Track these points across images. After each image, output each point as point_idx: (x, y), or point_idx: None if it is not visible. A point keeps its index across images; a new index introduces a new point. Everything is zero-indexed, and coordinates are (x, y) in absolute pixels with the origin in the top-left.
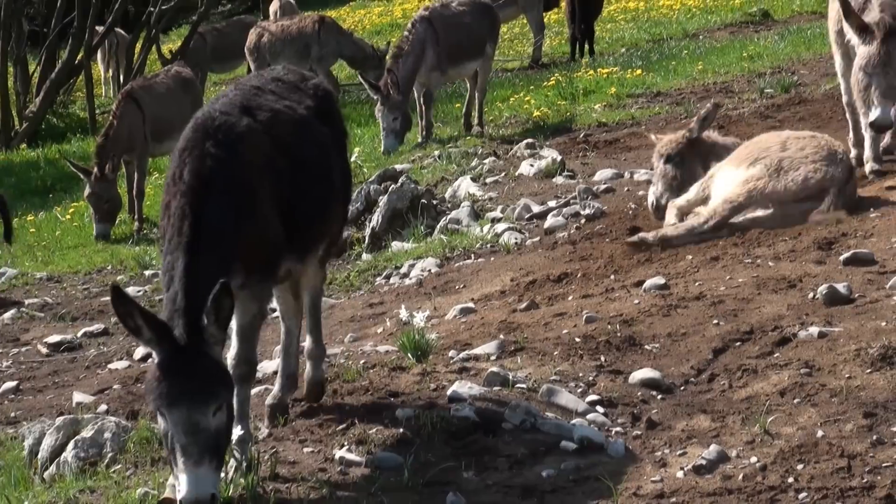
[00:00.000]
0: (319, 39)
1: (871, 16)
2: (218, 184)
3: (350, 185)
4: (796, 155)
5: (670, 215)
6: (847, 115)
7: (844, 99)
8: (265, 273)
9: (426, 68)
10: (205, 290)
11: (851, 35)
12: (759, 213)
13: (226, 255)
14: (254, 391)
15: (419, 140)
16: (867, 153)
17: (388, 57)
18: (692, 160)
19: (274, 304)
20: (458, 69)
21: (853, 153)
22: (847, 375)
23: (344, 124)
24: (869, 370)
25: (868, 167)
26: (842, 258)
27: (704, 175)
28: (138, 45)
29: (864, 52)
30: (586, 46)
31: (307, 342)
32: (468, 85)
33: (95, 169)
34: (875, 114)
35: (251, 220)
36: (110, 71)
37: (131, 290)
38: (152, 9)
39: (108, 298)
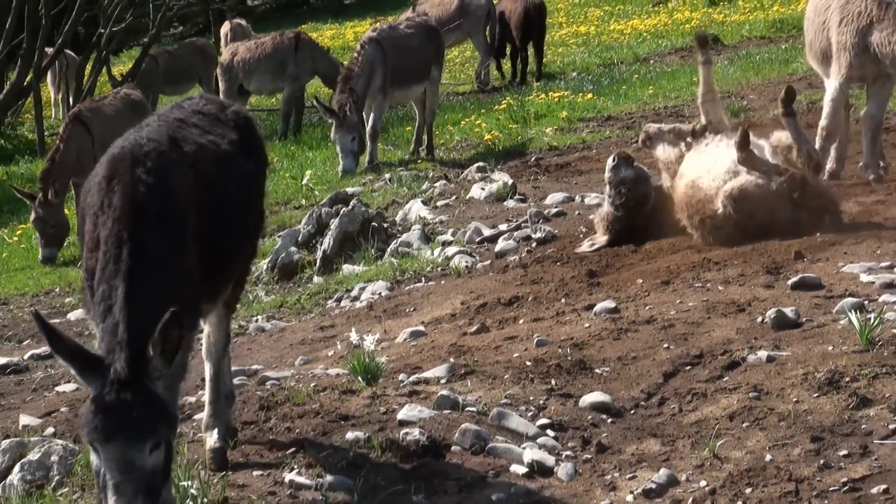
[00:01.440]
0: (296, 56)
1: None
2: (153, 211)
3: (264, 218)
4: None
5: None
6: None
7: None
8: (193, 314)
9: (373, 89)
10: (147, 320)
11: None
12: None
13: (168, 283)
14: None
15: (367, 165)
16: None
17: (338, 79)
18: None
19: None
20: (404, 91)
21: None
22: (795, 399)
23: (265, 151)
24: (816, 394)
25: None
26: (790, 282)
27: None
28: (88, 67)
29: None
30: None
31: (205, 412)
32: (415, 109)
33: (40, 194)
34: None
35: (183, 252)
36: (60, 93)
37: (79, 313)
38: (103, 30)
39: (57, 321)
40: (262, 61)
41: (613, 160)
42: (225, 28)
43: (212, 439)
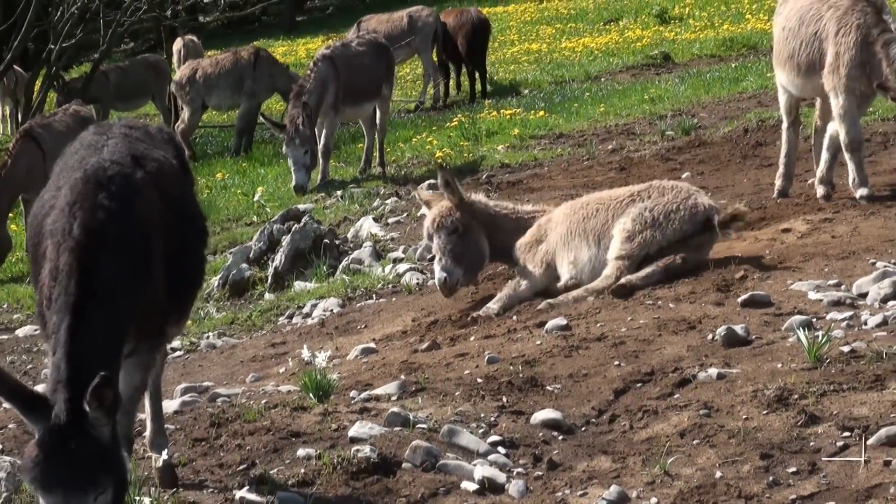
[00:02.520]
0: (255, 73)
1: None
2: (111, 239)
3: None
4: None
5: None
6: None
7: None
8: (157, 339)
9: (326, 106)
10: (92, 358)
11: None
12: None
13: (119, 317)
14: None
15: (319, 182)
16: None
17: (291, 95)
18: (474, 229)
19: None
20: (355, 109)
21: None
22: (745, 417)
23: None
24: (766, 411)
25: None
26: (740, 300)
27: (486, 243)
28: (38, 83)
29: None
30: (478, 87)
31: (148, 431)
32: (364, 127)
33: None
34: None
35: (147, 279)
36: (8, 108)
37: (27, 329)
38: (53, 46)
39: (5, 337)
40: (221, 77)
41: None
42: (177, 44)
43: (159, 457)
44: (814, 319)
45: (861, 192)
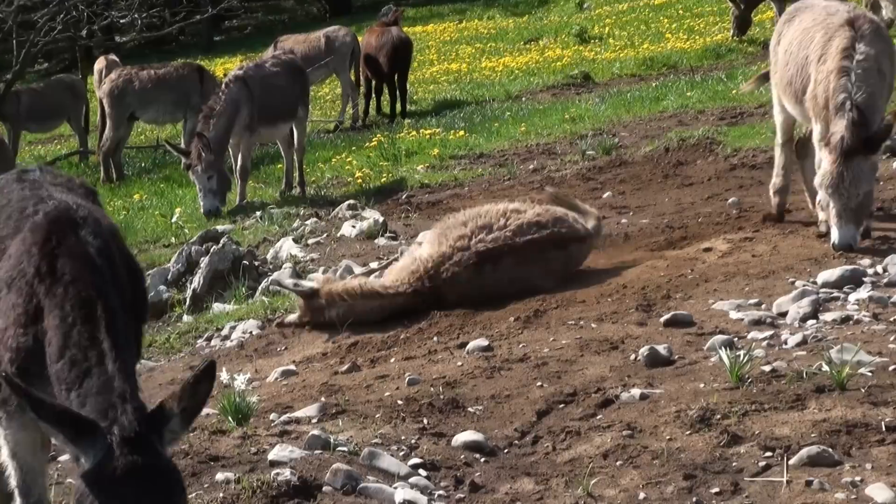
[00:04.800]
0: (202, 89)
1: (832, 103)
2: (107, 276)
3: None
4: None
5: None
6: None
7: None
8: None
9: (239, 127)
10: (133, 379)
11: (815, 144)
12: None
13: (132, 348)
14: None
15: (237, 203)
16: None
17: (199, 117)
18: None
19: None
20: (270, 130)
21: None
22: (668, 437)
23: None
24: (689, 432)
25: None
26: (662, 319)
27: None
28: None
29: (823, 167)
30: (398, 107)
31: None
32: (281, 148)
33: None
34: (834, 237)
35: (133, 310)
36: None
37: None
38: None
39: None
40: (163, 91)
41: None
42: (100, 63)
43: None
44: (735, 339)
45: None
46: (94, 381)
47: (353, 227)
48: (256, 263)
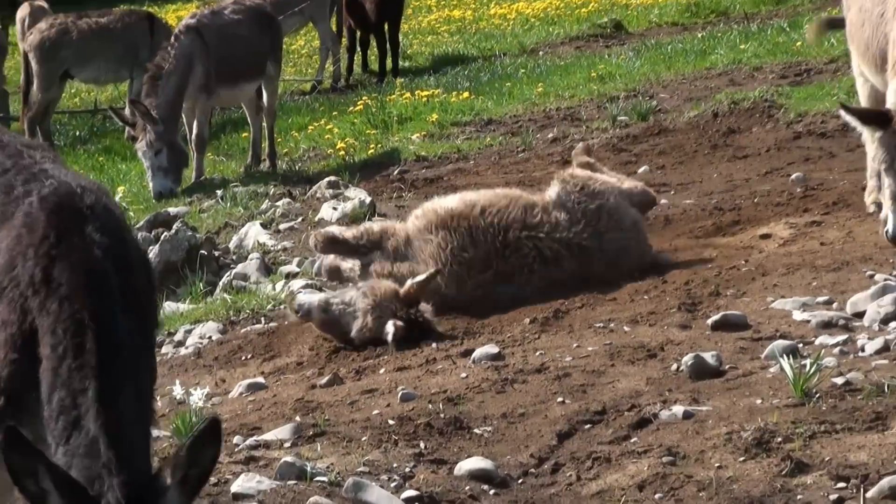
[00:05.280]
0: (152, 42)
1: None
2: (116, 286)
3: None
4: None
5: None
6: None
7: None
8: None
9: (193, 88)
10: (133, 434)
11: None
12: None
13: (145, 380)
14: None
15: (193, 180)
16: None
17: (145, 78)
18: None
19: None
20: (232, 91)
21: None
22: (717, 465)
23: None
24: (742, 458)
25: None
26: (710, 321)
27: None
28: None
29: (878, 142)
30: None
31: None
32: (247, 114)
33: None
34: (889, 225)
35: (148, 335)
36: None
37: None
38: None
39: None
40: (105, 45)
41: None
42: (23, 11)
43: None
44: (800, 345)
45: None
46: (81, 438)
47: (335, 209)
48: (217, 254)
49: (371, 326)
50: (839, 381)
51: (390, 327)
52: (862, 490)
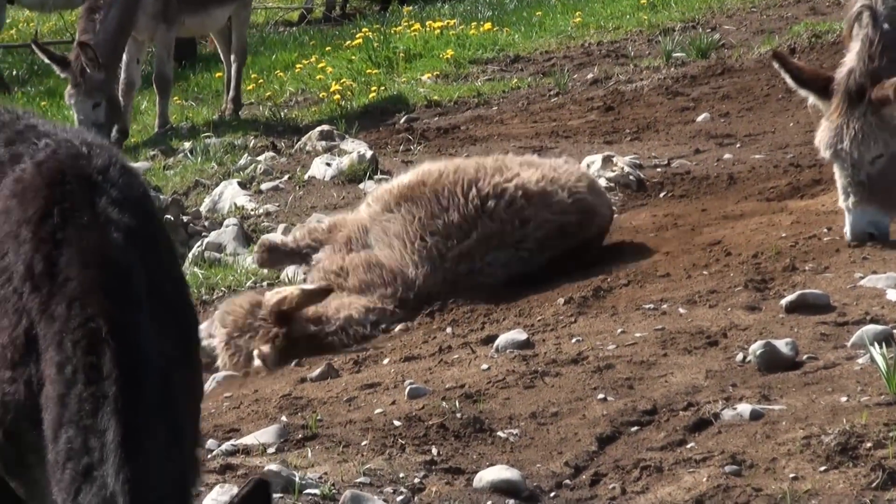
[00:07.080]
0: None
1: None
2: (142, 283)
3: None
4: None
5: None
6: None
7: None
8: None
9: (146, 18)
10: (165, 488)
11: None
12: None
13: (182, 410)
14: None
15: (157, 130)
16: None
17: (82, 9)
18: None
19: None
20: (199, 19)
21: None
22: (792, 475)
23: None
24: (824, 467)
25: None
26: (784, 302)
27: None
28: None
29: (822, 123)
30: None
31: None
32: (219, 47)
33: None
34: (846, 227)
35: (189, 345)
36: None
37: None
38: None
39: None
40: None
41: None
42: None
43: None
44: (895, 331)
45: None
46: (93, 495)
47: (328, 164)
48: (185, 219)
49: (233, 363)
50: None
51: (257, 361)
52: None
